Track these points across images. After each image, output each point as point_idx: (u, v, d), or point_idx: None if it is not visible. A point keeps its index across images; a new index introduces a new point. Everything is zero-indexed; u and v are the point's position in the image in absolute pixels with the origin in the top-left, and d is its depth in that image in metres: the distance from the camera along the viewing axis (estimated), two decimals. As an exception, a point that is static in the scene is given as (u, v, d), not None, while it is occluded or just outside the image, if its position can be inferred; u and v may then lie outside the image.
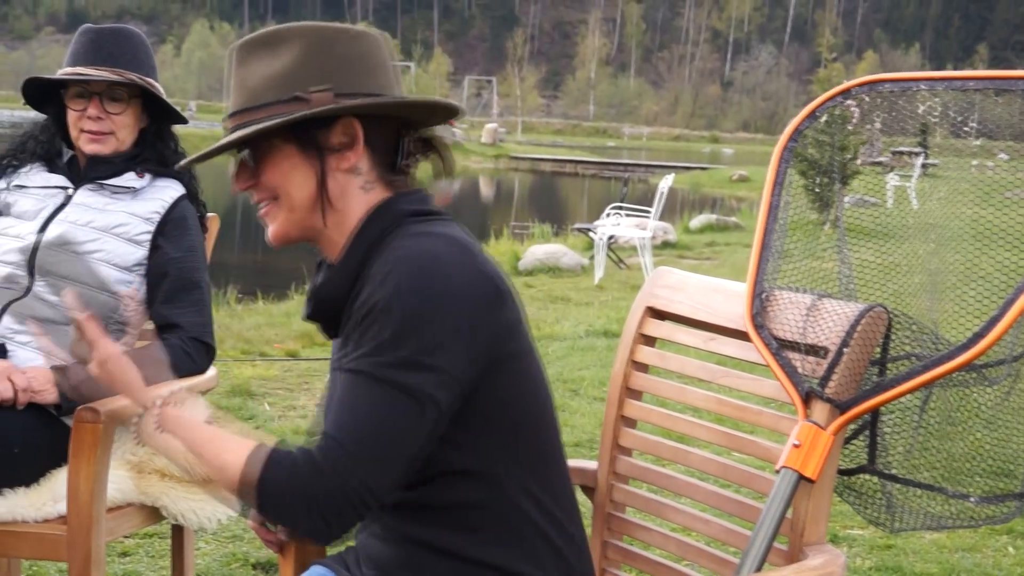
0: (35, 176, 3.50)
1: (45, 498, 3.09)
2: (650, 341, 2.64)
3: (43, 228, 3.37)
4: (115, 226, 3.38)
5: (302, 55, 2.09)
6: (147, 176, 3.47)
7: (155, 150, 3.51)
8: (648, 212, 16.48)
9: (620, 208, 17.40)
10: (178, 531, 3.52)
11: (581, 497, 2.46)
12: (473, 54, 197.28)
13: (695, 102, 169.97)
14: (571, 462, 2.31)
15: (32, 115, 3.63)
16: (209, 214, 3.66)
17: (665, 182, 17.05)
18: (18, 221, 3.42)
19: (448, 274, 2.00)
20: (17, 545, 3.05)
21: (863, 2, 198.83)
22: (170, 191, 3.48)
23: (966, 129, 2.42)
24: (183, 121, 3.60)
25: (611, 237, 15.56)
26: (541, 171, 55.92)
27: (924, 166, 3.24)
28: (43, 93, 3.52)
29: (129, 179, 3.44)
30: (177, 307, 3.38)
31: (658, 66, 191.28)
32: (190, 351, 3.33)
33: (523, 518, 2.12)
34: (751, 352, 2.38)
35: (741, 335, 2.41)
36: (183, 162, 2.54)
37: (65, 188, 3.45)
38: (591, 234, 16.00)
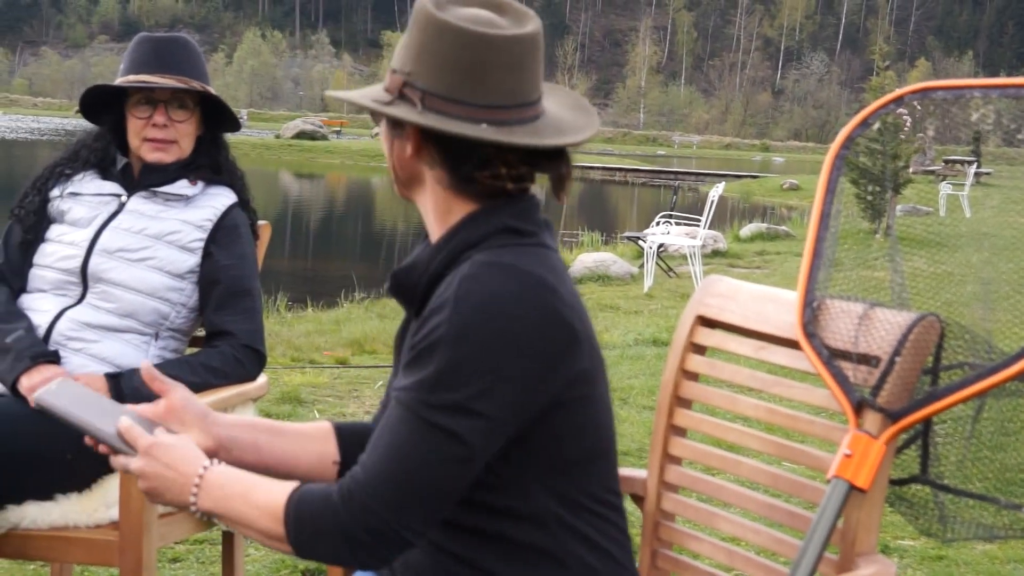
0: (89, 183, 3.52)
1: (97, 504, 3.11)
2: (700, 350, 2.63)
3: (97, 235, 3.39)
4: (168, 233, 3.40)
5: (408, 34, 2.06)
6: (200, 184, 3.49)
7: (209, 157, 3.53)
8: (698, 221, 16.45)
9: (670, 216, 17.37)
10: (228, 537, 3.54)
11: (630, 506, 2.46)
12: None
13: (746, 110, 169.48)
14: (621, 471, 2.30)
15: (84, 123, 3.65)
16: (260, 221, 3.67)
17: (715, 191, 16.99)
18: (72, 228, 3.44)
19: (516, 317, 1.94)
20: (70, 550, 3.07)
21: (916, 9, 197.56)
22: (222, 199, 3.50)
23: (1020, 137, 2.40)
24: (238, 129, 3.62)
25: (661, 246, 15.53)
26: (591, 179, 55.76)
27: (977, 175, 3.21)
28: (99, 102, 3.53)
29: (182, 187, 3.46)
30: (228, 314, 3.39)
31: (709, 74, 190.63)
32: (241, 358, 3.35)
33: (563, 547, 2.10)
34: (802, 361, 2.36)
35: (792, 344, 2.39)
36: (334, 93, 2.30)
37: (119, 195, 3.47)
38: (641, 242, 15.97)
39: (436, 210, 2.11)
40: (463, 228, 2.06)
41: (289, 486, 1.99)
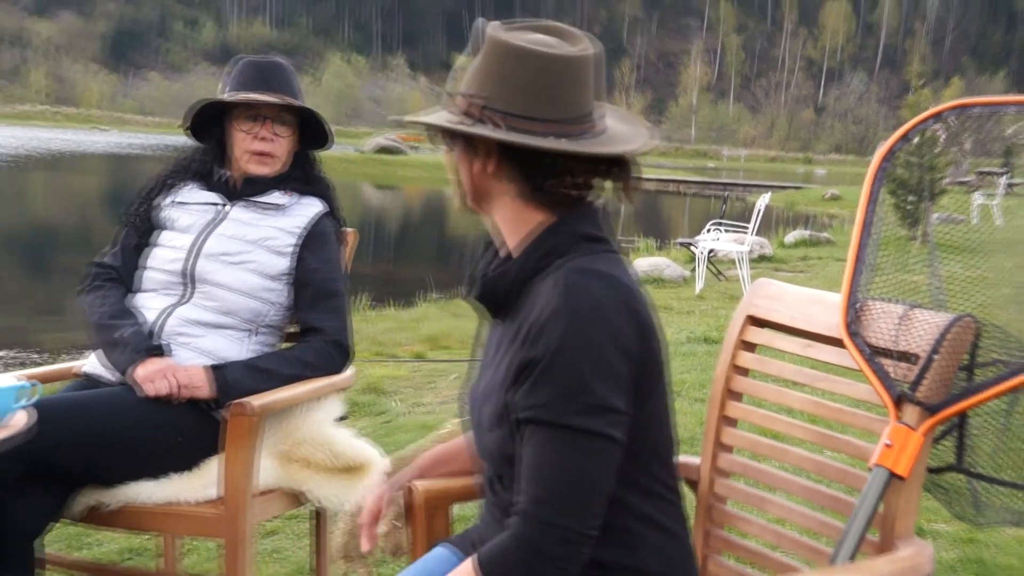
0: (193, 194, 3.55)
1: (201, 483, 3.15)
2: (750, 347, 2.62)
3: (201, 240, 3.42)
4: (264, 239, 3.43)
5: (482, 61, 2.08)
6: (293, 194, 3.52)
7: (302, 171, 3.56)
8: (746, 228, 16.36)
9: (720, 224, 17.29)
10: (318, 514, 3.55)
11: (685, 490, 2.45)
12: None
13: (790, 126, 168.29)
14: (677, 458, 2.30)
15: (187, 140, 3.66)
16: (347, 229, 3.69)
17: (762, 200, 16.87)
18: (178, 234, 3.48)
19: (619, 323, 1.96)
20: (178, 523, 3.11)
21: (951, 31, 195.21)
22: (313, 208, 3.52)
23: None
24: (331, 147, 3.63)
25: (711, 251, 15.43)
26: (646, 189, 55.48)
27: (1009, 185, 3.17)
28: (202, 119, 3.55)
29: (277, 197, 3.49)
30: (318, 313, 3.42)
31: (756, 92, 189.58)
32: (331, 352, 3.37)
33: (634, 528, 2.10)
34: (845, 358, 2.35)
35: (836, 342, 2.38)
36: (411, 118, 2.26)
37: (221, 205, 3.50)
38: (692, 248, 15.87)
39: (509, 219, 2.11)
40: (547, 237, 2.06)
41: (466, 563, 1.99)
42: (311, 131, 3.59)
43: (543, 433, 1.92)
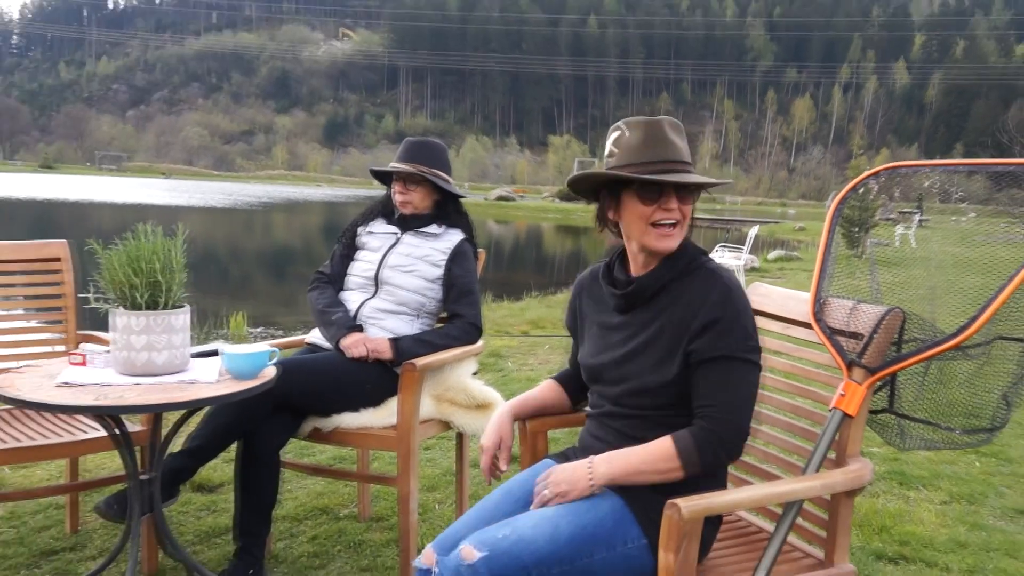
0: (379, 226, 3.56)
1: (385, 414, 3.16)
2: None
3: (384, 256, 3.44)
4: (425, 256, 3.43)
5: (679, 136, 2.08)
6: (444, 226, 3.52)
7: (447, 211, 3.56)
8: (741, 248, 16.19)
9: (725, 246, 17.12)
10: (459, 436, 3.56)
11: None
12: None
13: (771, 181, 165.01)
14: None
15: (377, 191, 3.69)
16: (479, 250, 3.70)
17: (752, 230, 16.74)
18: (370, 252, 3.50)
19: (745, 296, 1.99)
20: (369, 441, 3.12)
21: (880, 117, 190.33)
22: (457, 236, 3.51)
23: (953, 195, 2.31)
24: (459, 195, 3.61)
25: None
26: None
27: (920, 221, 3.09)
28: (380, 178, 3.58)
29: (433, 228, 3.49)
30: (460, 304, 3.41)
31: (747, 159, 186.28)
32: (469, 330, 3.37)
33: None
34: (812, 336, 2.31)
35: (806, 325, 2.34)
36: (581, 174, 2.11)
37: (396, 233, 3.52)
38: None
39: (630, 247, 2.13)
40: (683, 252, 2.06)
41: (664, 438, 1.92)
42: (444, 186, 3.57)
43: (730, 364, 1.92)
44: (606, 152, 2.08)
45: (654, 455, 1.91)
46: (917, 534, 3.68)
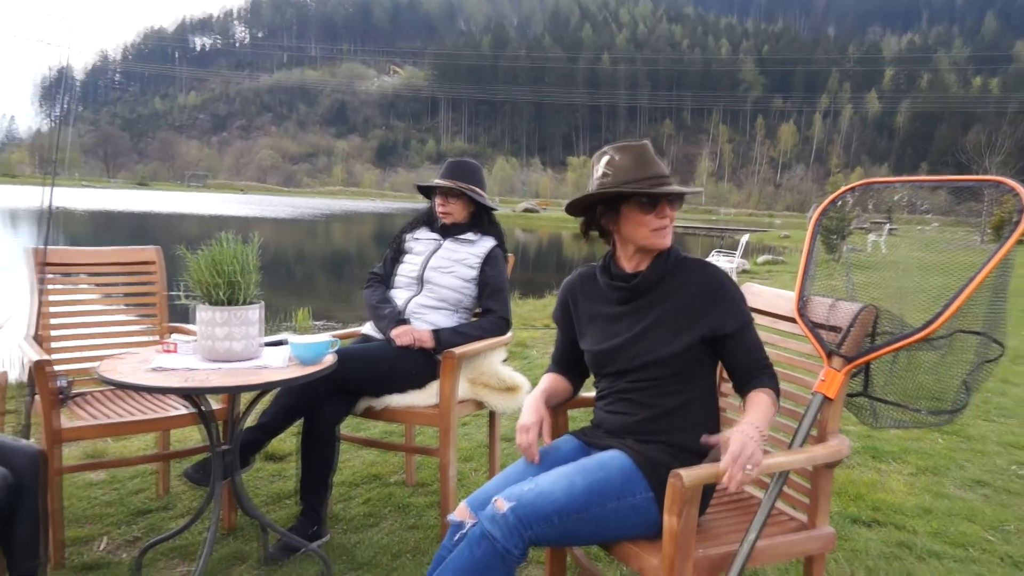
0: (423, 233, 3.55)
1: (428, 395, 3.15)
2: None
3: (427, 259, 3.44)
4: (463, 259, 3.41)
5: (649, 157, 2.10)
6: (479, 234, 3.51)
7: (481, 221, 3.54)
8: (734, 253, 16.04)
9: (720, 251, 17.02)
10: (492, 414, 3.55)
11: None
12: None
13: (760, 195, 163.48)
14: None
15: (421, 204, 3.68)
16: (509, 254, 3.68)
17: (744, 238, 16.61)
18: (415, 256, 3.48)
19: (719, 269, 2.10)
20: (414, 418, 3.11)
21: (855, 140, 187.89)
22: (489, 242, 3.49)
23: (919, 207, 2.28)
24: (493, 208, 3.60)
25: (714, 267, 15.15)
26: (676, 232, 54.63)
27: (890, 230, 3.05)
28: (424, 191, 3.57)
29: (469, 235, 3.47)
30: (492, 301, 3.38)
31: (740, 177, 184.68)
32: (500, 323, 3.35)
33: (710, 412, 2.10)
34: (797, 329, 2.29)
35: (792, 320, 2.32)
36: (600, 192, 2.11)
37: (438, 239, 3.52)
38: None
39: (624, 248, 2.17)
40: (671, 251, 2.12)
41: (763, 391, 1.98)
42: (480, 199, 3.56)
43: (750, 327, 2.05)
44: (599, 174, 2.08)
45: (770, 404, 1.96)
46: (888, 501, 3.63)
